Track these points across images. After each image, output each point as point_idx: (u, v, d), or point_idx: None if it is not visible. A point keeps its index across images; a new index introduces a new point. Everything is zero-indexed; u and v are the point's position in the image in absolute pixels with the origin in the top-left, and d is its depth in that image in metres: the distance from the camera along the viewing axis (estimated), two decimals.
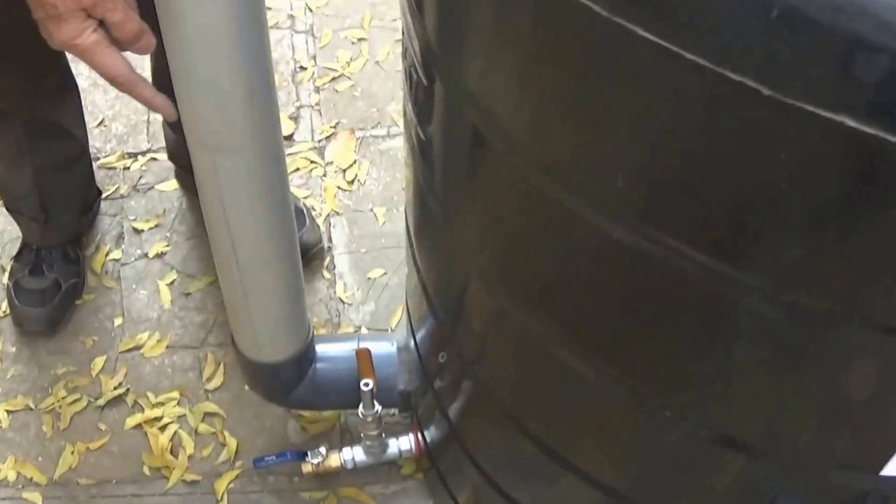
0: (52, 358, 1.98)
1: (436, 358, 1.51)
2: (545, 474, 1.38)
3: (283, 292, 1.51)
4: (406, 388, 1.73)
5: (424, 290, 1.43)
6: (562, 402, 1.22)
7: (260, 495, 1.81)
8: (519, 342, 1.21)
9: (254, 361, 1.64)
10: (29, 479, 1.82)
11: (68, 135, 1.91)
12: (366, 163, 2.29)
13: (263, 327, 1.56)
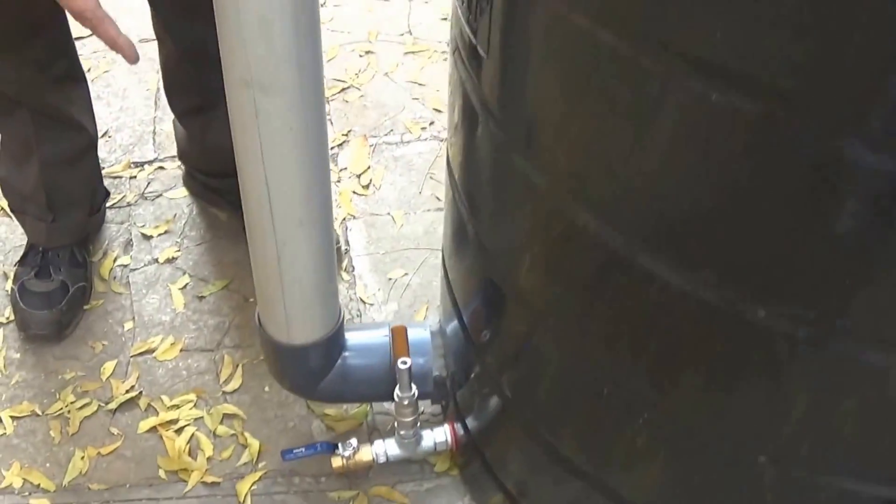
0: (59, 363, 1.85)
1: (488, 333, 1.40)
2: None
3: (316, 259, 1.41)
4: (441, 374, 1.61)
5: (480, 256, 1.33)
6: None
7: (285, 496, 1.67)
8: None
9: (282, 344, 1.52)
10: (36, 485, 1.67)
11: (77, 126, 1.80)
12: (380, 168, 2.19)
13: (294, 301, 1.45)
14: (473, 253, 1.34)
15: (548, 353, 1.27)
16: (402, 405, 1.55)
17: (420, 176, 2.17)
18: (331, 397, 1.66)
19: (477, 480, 1.64)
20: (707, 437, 1.12)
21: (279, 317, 1.47)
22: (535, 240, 1.15)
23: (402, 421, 1.58)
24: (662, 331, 1.05)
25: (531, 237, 1.16)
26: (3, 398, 1.80)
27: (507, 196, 1.18)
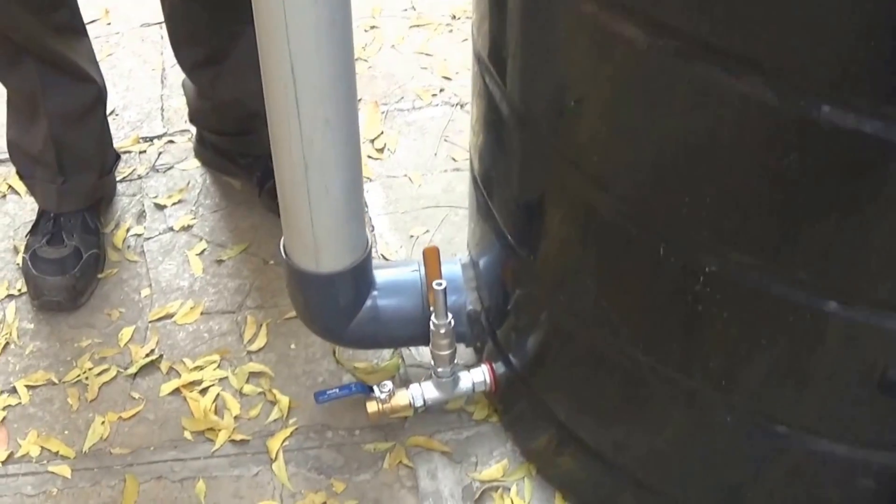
0: (74, 332, 1.74)
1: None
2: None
3: (343, 166, 1.32)
4: (475, 308, 1.50)
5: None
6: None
7: (319, 451, 1.56)
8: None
9: (310, 274, 1.42)
10: (55, 453, 1.56)
11: (84, 76, 1.71)
12: (394, 133, 2.10)
13: (322, 216, 1.35)
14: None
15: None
16: (439, 334, 1.45)
17: (434, 139, 2.08)
18: (362, 340, 1.55)
19: (522, 422, 1.53)
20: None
21: (306, 238, 1.37)
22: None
23: (438, 355, 1.48)
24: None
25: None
26: (17, 368, 1.68)
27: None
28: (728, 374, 1.13)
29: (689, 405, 1.21)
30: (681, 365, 1.17)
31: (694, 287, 1.06)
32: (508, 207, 1.34)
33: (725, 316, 1.07)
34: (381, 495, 1.49)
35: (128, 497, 1.50)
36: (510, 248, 1.35)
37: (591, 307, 1.23)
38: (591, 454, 1.39)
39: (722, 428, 1.19)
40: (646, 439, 1.31)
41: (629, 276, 1.16)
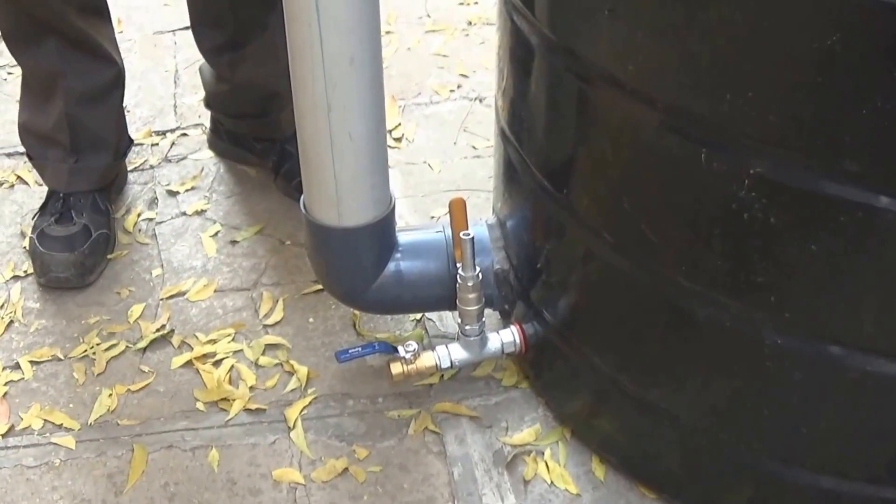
0: (82, 310, 1.60)
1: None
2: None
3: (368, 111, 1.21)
4: (503, 267, 1.36)
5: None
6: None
7: (339, 419, 1.40)
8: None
9: (331, 229, 1.29)
10: (58, 425, 1.40)
11: (105, 56, 1.62)
12: (412, 125, 1.99)
13: (345, 165, 1.23)
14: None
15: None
16: (466, 288, 1.31)
17: (453, 130, 1.96)
18: (384, 304, 1.41)
19: (556, 384, 1.38)
20: None
21: (328, 189, 1.25)
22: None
23: (466, 311, 1.33)
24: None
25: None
26: (22, 345, 1.54)
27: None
28: (778, 290, 1.01)
29: (738, 332, 1.07)
30: (727, 286, 1.04)
31: (739, 193, 0.96)
32: (541, 147, 1.23)
33: (773, 222, 0.96)
34: (407, 461, 1.33)
35: (135, 467, 1.34)
36: (543, 192, 1.23)
37: (633, 236, 1.10)
38: (634, 407, 1.25)
39: (773, 354, 1.05)
40: (694, 378, 1.16)
41: (671, 194, 1.04)
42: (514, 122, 1.28)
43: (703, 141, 0.97)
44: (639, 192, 1.08)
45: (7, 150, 1.95)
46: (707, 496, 1.25)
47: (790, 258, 0.98)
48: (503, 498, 1.28)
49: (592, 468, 1.32)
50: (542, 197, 1.23)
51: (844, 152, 0.89)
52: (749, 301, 1.04)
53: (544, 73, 1.16)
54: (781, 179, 0.94)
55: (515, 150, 1.29)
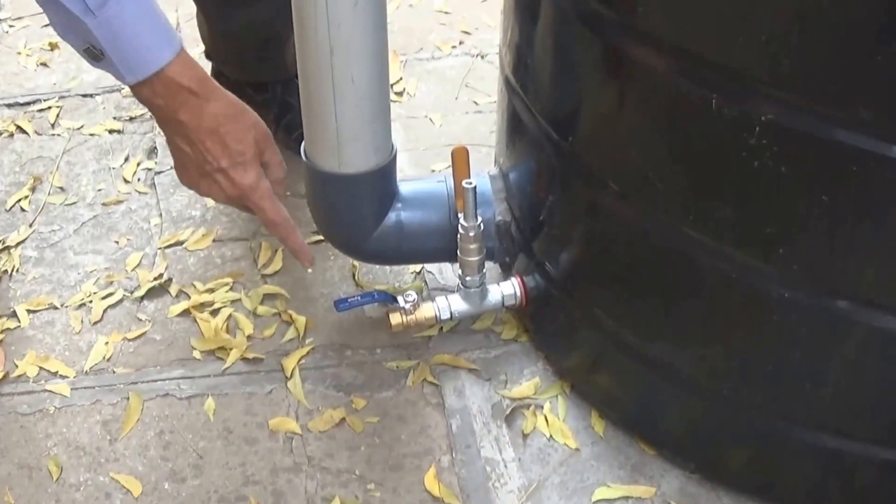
0: (79, 258, 1.54)
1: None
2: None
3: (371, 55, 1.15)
4: (504, 219, 1.30)
5: None
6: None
7: (337, 369, 1.34)
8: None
9: (332, 175, 1.23)
10: (53, 372, 1.34)
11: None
12: (413, 79, 1.92)
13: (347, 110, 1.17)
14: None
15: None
16: (468, 238, 1.24)
17: (455, 86, 1.90)
18: (384, 254, 1.35)
19: (557, 337, 1.33)
20: None
21: (329, 134, 1.18)
22: None
23: (466, 262, 1.27)
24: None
25: None
26: (19, 294, 1.48)
27: None
28: (786, 241, 0.95)
29: (744, 284, 1.01)
30: (734, 237, 0.99)
31: (749, 141, 0.90)
32: (546, 95, 1.17)
33: (783, 171, 0.90)
34: (405, 412, 1.27)
35: (131, 414, 1.28)
36: (548, 141, 1.17)
37: (639, 185, 1.04)
38: (636, 361, 1.19)
39: (779, 308, 0.99)
40: (697, 332, 1.11)
41: (680, 141, 0.98)
42: (519, 71, 1.21)
43: (714, 86, 0.91)
44: (647, 140, 1.02)
45: (7, 101, 1.88)
46: (707, 453, 1.20)
47: (799, 209, 0.92)
48: (501, 450, 1.23)
49: (592, 423, 1.27)
50: (547, 146, 1.17)
51: (858, 100, 0.83)
52: (756, 253, 0.98)
53: (551, 18, 1.10)
54: (793, 127, 0.88)
55: (520, 99, 1.22)
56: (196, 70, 1.08)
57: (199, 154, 1.11)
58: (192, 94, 1.08)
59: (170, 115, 1.09)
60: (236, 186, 1.14)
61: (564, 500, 1.17)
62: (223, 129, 1.11)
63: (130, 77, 1.04)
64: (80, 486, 1.20)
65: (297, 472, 1.21)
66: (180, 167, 1.17)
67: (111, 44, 1.00)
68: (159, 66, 1.03)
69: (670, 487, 1.19)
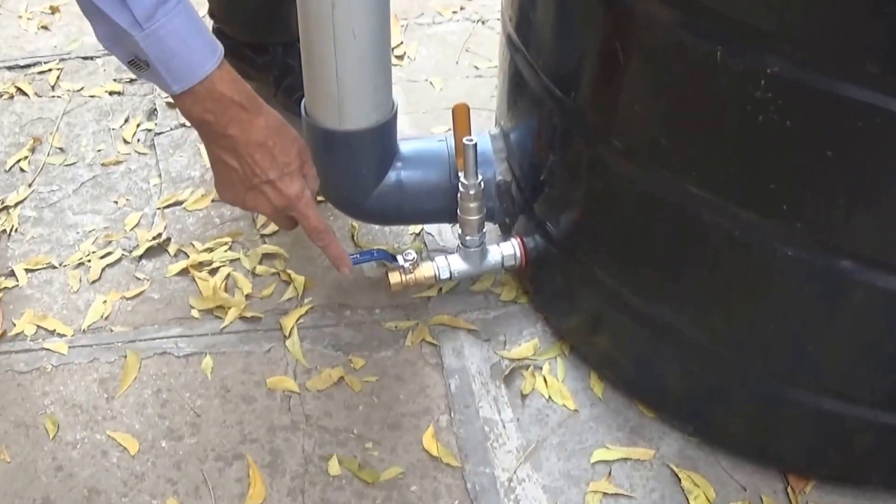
0: (78, 218, 1.51)
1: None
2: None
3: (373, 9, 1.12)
4: (505, 179, 1.27)
5: None
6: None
7: (336, 329, 1.32)
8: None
9: (332, 132, 1.20)
10: (51, 331, 1.32)
11: None
12: (414, 43, 1.89)
13: (348, 66, 1.14)
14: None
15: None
16: (468, 196, 1.22)
17: (455, 50, 1.87)
18: (383, 214, 1.32)
19: (557, 299, 1.30)
20: None
21: (330, 90, 1.16)
22: None
23: (467, 221, 1.25)
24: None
25: None
26: (17, 253, 1.45)
27: None
28: (790, 198, 0.92)
29: (747, 242, 0.99)
30: (738, 193, 0.96)
31: (754, 94, 0.86)
32: (549, 50, 1.14)
33: (788, 126, 0.87)
34: (404, 372, 1.25)
35: (128, 373, 1.26)
36: (551, 98, 1.14)
37: (642, 141, 1.01)
38: (636, 322, 1.16)
39: (782, 267, 0.97)
40: (699, 291, 1.08)
41: (684, 95, 0.95)
42: (522, 27, 1.19)
43: (719, 38, 0.88)
44: (650, 94, 0.99)
45: (8, 64, 1.85)
46: (706, 415, 1.18)
47: (804, 165, 0.90)
48: (500, 411, 1.21)
49: (591, 385, 1.24)
50: (550, 103, 1.14)
51: (866, 54, 0.80)
52: (760, 210, 0.96)
53: None
54: (799, 80, 0.85)
55: (523, 56, 1.20)
56: (242, 84, 1.07)
57: (247, 168, 1.10)
58: (242, 108, 1.07)
59: (220, 130, 1.07)
60: (283, 197, 1.13)
61: (563, 461, 1.15)
62: (271, 142, 1.10)
63: (176, 86, 1.01)
64: (76, 444, 1.18)
65: (295, 431, 1.19)
66: (225, 183, 1.15)
67: (157, 55, 0.98)
68: (205, 74, 1.01)
69: (669, 450, 1.17)
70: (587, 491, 1.12)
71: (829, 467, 1.14)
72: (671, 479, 1.13)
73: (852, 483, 1.13)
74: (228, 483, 1.13)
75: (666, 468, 1.14)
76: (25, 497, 1.12)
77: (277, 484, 1.13)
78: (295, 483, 1.13)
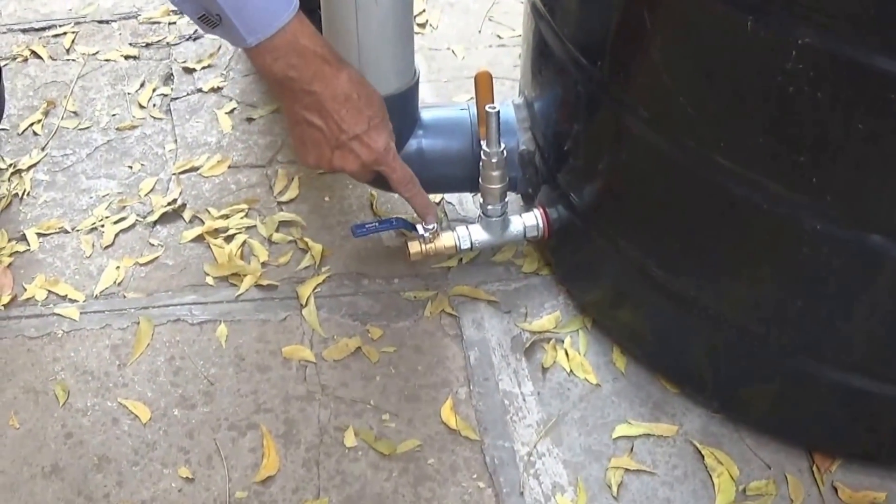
0: (92, 182, 1.51)
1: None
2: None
3: None
4: (528, 148, 1.26)
5: None
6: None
7: (354, 298, 1.32)
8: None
9: None
10: (62, 296, 1.32)
11: None
12: (436, 11, 1.87)
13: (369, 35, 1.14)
14: None
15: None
16: (490, 164, 1.21)
17: (478, 18, 1.85)
18: None
19: (579, 271, 1.30)
20: None
21: (351, 57, 1.15)
22: None
23: (488, 189, 1.24)
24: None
25: None
26: (29, 217, 1.45)
27: None
28: (820, 171, 0.90)
29: (776, 215, 0.97)
30: (767, 165, 0.94)
31: (785, 65, 0.85)
32: (575, 18, 1.12)
33: (820, 97, 0.85)
34: (422, 343, 1.25)
35: (141, 339, 1.26)
36: (576, 67, 1.13)
37: (670, 110, 1.00)
38: (661, 295, 1.15)
39: (811, 241, 0.96)
40: (726, 265, 1.07)
41: (714, 64, 0.93)
42: None
43: (751, 7, 0.86)
44: (679, 63, 0.98)
45: (23, 27, 1.85)
46: (730, 391, 1.17)
47: (835, 137, 0.88)
48: (520, 384, 1.20)
49: (613, 359, 1.24)
50: (575, 72, 1.13)
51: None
52: (789, 182, 0.94)
53: None
54: (832, 51, 0.83)
55: (548, 24, 1.18)
56: (320, 36, 1.03)
57: (333, 125, 1.07)
58: (325, 62, 1.03)
59: (304, 86, 1.04)
60: (372, 151, 1.11)
61: (584, 436, 1.15)
62: (356, 95, 1.06)
63: (252, 38, 0.97)
64: (86, 411, 1.18)
65: (310, 401, 1.19)
66: (308, 144, 1.11)
67: (231, 4, 0.96)
68: (280, 24, 0.98)
69: (692, 426, 1.16)
70: (608, 467, 1.12)
71: (855, 446, 1.13)
72: (694, 456, 1.13)
73: (879, 462, 1.12)
74: (242, 453, 1.13)
75: (689, 445, 1.14)
76: (34, 464, 1.12)
77: (292, 454, 1.13)
78: (310, 454, 1.13)
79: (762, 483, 1.09)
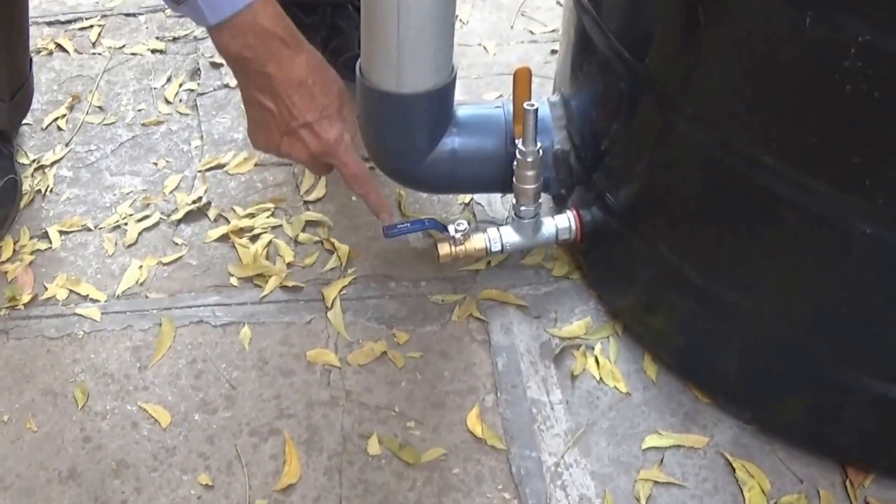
0: (116, 179, 1.46)
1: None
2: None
3: None
4: (563, 148, 1.20)
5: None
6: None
7: (380, 301, 1.26)
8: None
9: (389, 94, 1.14)
10: (84, 296, 1.27)
11: None
12: (467, 6, 1.81)
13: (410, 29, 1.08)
14: None
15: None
16: (525, 164, 1.15)
17: (510, 14, 1.79)
18: (435, 181, 1.26)
19: (612, 275, 1.23)
20: None
21: (390, 51, 1.09)
22: None
23: (522, 190, 1.18)
24: None
25: None
26: (51, 214, 1.41)
27: None
28: (873, 172, 0.85)
29: (825, 218, 0.92)
30: (818, 166, 0.89)
31: (843, 63, 0.80)
32: (621, 12, 1.08)
33: (877, 97, 0.80)
34: (449, 348, 1.19)
35: (162, 341, 1.21)
36: (620, 62, 1.07)
37: (717, 108, 0.94)
38: (697, 301, 1.09)
39: (861, 245, 0.90)
40: (769, 270, 1.00)
41: (767, 61, 0.88)
42: None
43: (808, 2, 0.81)
44: (731, 59, 0.92)
45: (48, 19, 1.80)
46: (764, 402, 1.11)
47: (891, 138, 0.82)
48: (549, 392, 1.14)
49: (644, 367, 1.18)
50: (619, 68, 1.07)
51: None
52: (841, 184, 0.88)
53: None
54: (891, 50, 0.78)
55: (591, 17, 1.12)
56: (285, 18, 0.99)
57: (284, 109, 1.03)
58: (283, 44, 0.99)
59: (258, 67, 1.00)
60: (322, 142, 1.06)
61: (613, 447, 1.09)
62: (311, 81, 1.02)
63: (213, 17, 0.94)
64: (106, 415, 1.13)
65: (334, 407, 1.13)
66: (259, 127, 1.08)
67: None
68: (244, 4, 0.94)
69: (724, 438, 1.10)
70: (637, 479, 1.05)
71: (890, 460, 1.06)
72: (725, 469, 1.07)
73: None
74: (263, 459, 1.07)
75: (720, 457, 1.07)
76: (51, 468, 1.07)
77: (314, 462, 1.07)
78: (332, 462, 1.07)
79: (794, 497, 1.03)
